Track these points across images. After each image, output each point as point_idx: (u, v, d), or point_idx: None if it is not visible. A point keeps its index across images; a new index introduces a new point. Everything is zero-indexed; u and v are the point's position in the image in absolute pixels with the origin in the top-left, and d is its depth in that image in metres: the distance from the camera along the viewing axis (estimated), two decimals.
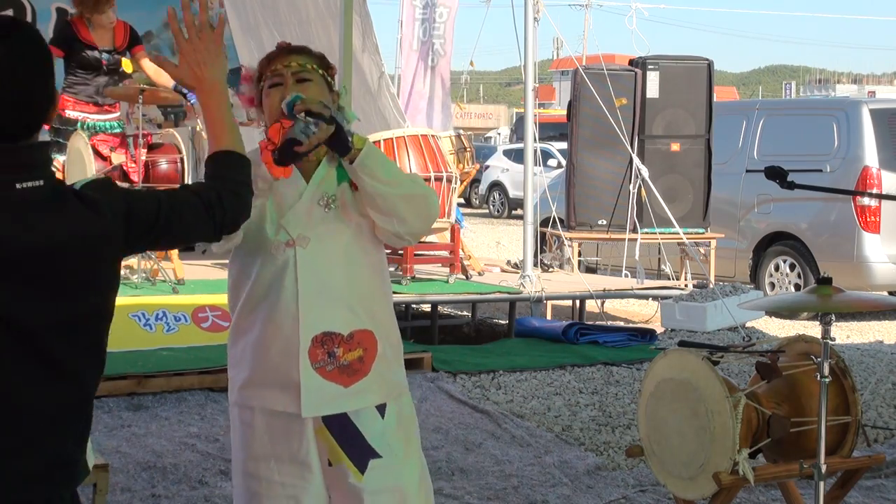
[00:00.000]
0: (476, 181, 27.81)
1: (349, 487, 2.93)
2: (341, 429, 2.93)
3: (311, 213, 2.94)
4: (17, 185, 2.12)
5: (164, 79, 8.07)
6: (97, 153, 8.18)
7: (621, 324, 10.08)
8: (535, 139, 9.89)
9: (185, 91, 8.29)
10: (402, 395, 3.10)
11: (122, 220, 2.24)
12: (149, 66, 8.27)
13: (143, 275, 8.07)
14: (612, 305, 11.12)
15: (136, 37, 8.51)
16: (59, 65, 8.19)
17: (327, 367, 2.90)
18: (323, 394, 2.90)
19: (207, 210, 2.39)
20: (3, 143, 2.14)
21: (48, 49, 2.27)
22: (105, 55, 8.22)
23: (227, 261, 3.12)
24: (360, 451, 2.93)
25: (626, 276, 10.33)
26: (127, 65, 8.29)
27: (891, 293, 10.85)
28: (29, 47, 2.19)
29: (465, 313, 10.23)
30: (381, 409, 3.00)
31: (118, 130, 8.48)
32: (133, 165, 8.20)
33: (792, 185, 3.84)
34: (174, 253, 8.41)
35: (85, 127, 8.20)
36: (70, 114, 8.23)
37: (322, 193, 2.95)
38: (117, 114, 8.51)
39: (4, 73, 2.14)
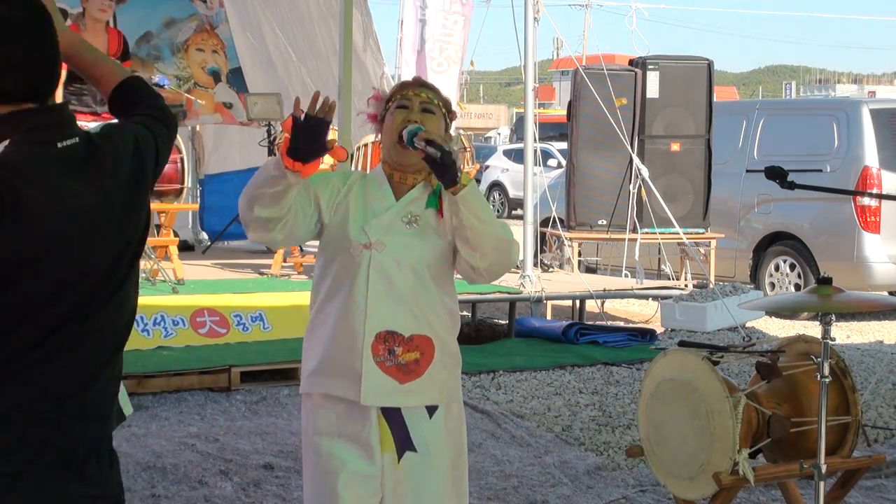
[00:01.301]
0: (476, 181, 27.70)
1: (384, 476, 3.18)
2: (394, 420, 3.18)
3: (393, 225, 3.19)
4: (59, 145, 2.19)
5: None
6: None
7: (621, 324, 10.08)
8: (535, 139, 9.89)
9: (159, 83, 8.34)
10: (452, 402, 3.29)
11: (135, 154, 2.38)
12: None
13: (143, 275, 8.06)
14: (612, 305, 11.12)
15: (128, 51, 8.56)
16: None
17: (386, 363, 3.15)
18: (380, 385, 3.14)
19: (167, 127, 2.57)
20: (32, 104, 2.20)
21: (45, 6, 2.30)
22: None
23: (226, 261, 3.21)
24: (402, 442, 3.18)
25: (626, 276, 10.33)
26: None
27: (891, 293, 10.85)
28: (31, 5, 2.24)
29: (465, 313, 10.24)
30: (432, 410, 3.24)
31: None
32: None
33: (792, 185, 3.83)
34: (174, 253, 8.41)
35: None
36: None
37: (408, 212, 3.21)
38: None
39: (19, 33, 2.20)
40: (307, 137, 2.97)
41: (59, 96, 2.47)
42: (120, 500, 2.34)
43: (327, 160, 3.47)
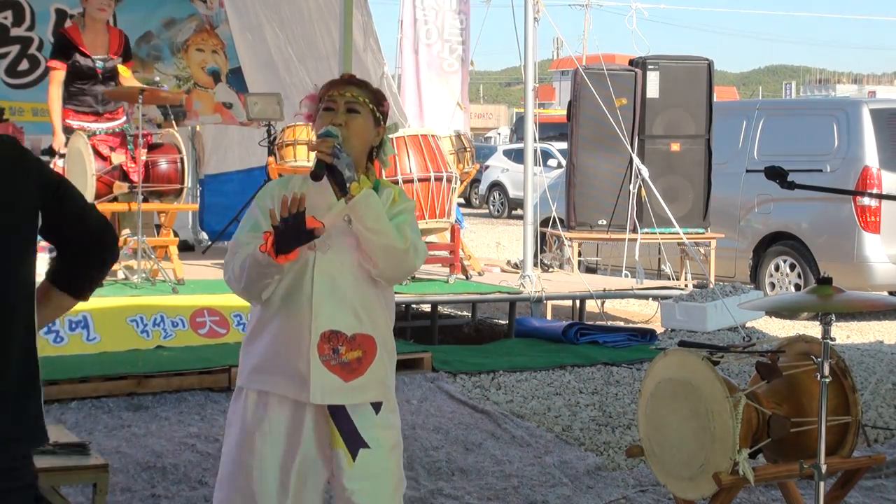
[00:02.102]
0: (476, 181, 27.82)
1: (339, 473, 3.25)
2: (341, 418, 3.26)
3: (335, 225, 3.23)
4: None
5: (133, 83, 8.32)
6: (97, 153, 8.19)
7: (621, 324, 10.08)
8: (535, 139, 9.89)
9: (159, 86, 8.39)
10: (390, 399, 3.39)
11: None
12: (126, 72, 8.35)
13: (143, 275, 8.07)
14: (612, 305, 11.12)
15: (129, 51, 8.56)
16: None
17: (331, 362, 3.23)
18: (327, 384, 3.22)
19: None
20: None
21: None
22: (99, 63, 8.23)
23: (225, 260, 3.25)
24: (353, 440, 3.25)
25: (626, 276, 10.33)
26: (125, 71, 8.31)
27: (891, 293, 10.85)
28: None
29: (465, 313, 10.23)
30: (377, 406, 3.33)
31: (118, 130, 8.48)
32: (133, 165, 8.20)
33: (792, 185, 3.83)
34: (174, 253, 8.41)
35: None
36: (71, 123, 8.25)
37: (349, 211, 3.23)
38: (120, 120, 8.48)
39: None
40: (293, 235, 3.08)
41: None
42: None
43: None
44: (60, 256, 2.66)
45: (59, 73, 8.23)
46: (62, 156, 8.22)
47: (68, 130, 8.23)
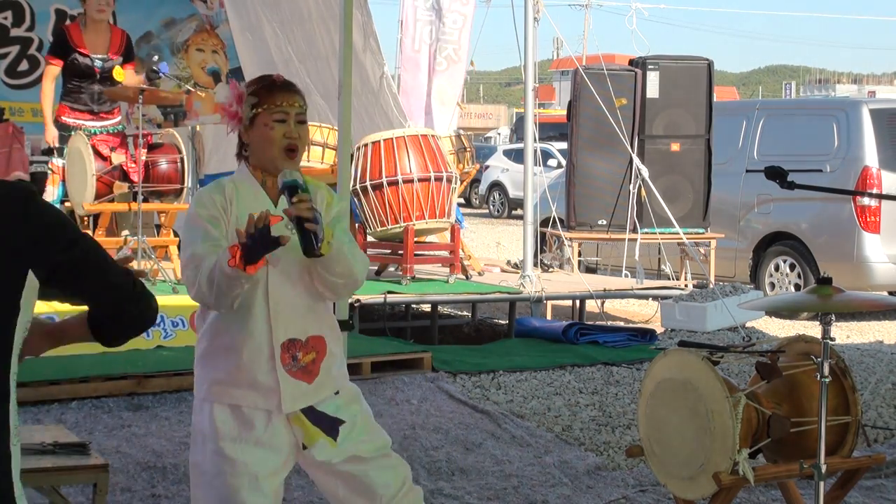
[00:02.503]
0: (476, 181, 27.82)
1: (335, 454, 3.34)
2: (315, 416, 3.34)
3: (280, 234, 3.12)
4: None
5: (135, 81, 8.33)
6: (97, 153, 8.20)
7: (621, 324, 10.08)
8: (535, 139, 9.89)
9: (159, 70, 8.39)
10: (345, 380, 3.48)
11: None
12: (128, 76, 8.36)
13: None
14: (612, 305, 11.12)
15: (131, 51, 8.55)
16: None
17: (293, 369, 3.30)
18: (296, 391, 3.30)
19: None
20: None
21: None
22: (98, 62, 8.23)
23: None
24: (328, 424, 3.34)
25: (626, 276, 10.33)
26: (118, 73, 8.29)
27: (891, 293, 10.85)
28: None
29: (465, 313, 10.23)
30: (335, 392, 3.43)
31: (118, 130, 8.49)
32: (133, 165, 8.21)
33: (792, 185, 3.83)
34: (174, 253, 8.41)
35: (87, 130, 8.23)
36: (67, 120, 8.25)
37: (287, 220, 3.15)
38: (116, 119, 8.50)
39: None
40: (263, 246, 3.03)
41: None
42: None
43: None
44: (96, 311, 2.43)
45: (53, 69, 8.25)
46: (58, 151, 8.22)
47: (64, 128, 8.24)
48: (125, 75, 8.39)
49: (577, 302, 9.73)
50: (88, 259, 2.35)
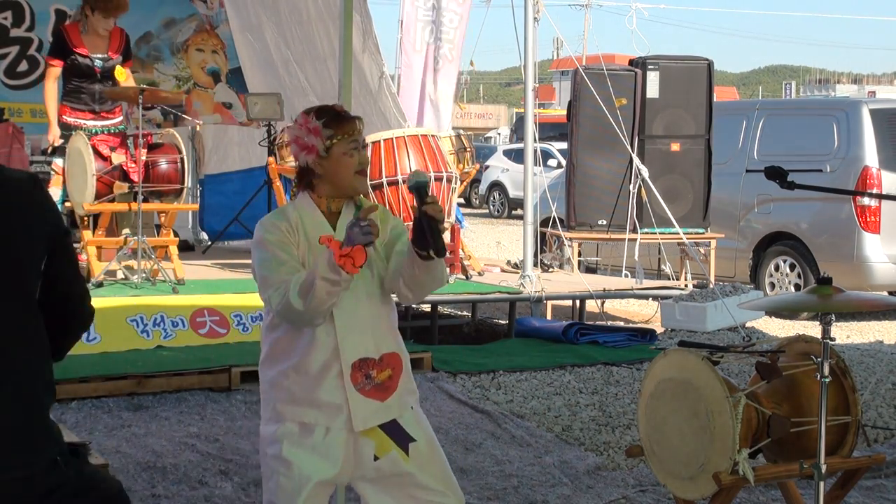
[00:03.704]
0: (476, 181, 27.82)
1: (402, 471, 3.43)
2: (392, 429, 3.43)
3: None
4: None
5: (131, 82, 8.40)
6: (97, 153, 8.19)
7: (621, 324, 10.08)
8: (535, 139, 9.89)
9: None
10: (416, 397, 3.60)
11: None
12: (121, 74, 8.38)
13: (143, 275, 8.07)
14: (612, 305, 11.12)
15: (129, 50, 8.56)
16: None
17: (366, 388, 3.38)
18: (367, 409, 3.38)
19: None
20: None
21: None
22: (98, 62, 8.23)
23: (226, 261, 3.27)
24: (402, 439, 3.43)
25: (626, 276, 10.33)
26: (120, 73, 8.30)
27: (891, 293, 10.85)
28: None
29: (465, 313, 10.23)
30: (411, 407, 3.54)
31: (118, 130, 8.49)
32: (133, 165, 8.20)
33: (792, 185, 3.84)
34: (174, 253, 8.41)
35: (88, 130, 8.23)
36: (68, 119, 8.25)
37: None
38: (117, 119, 8.49)
39: None
40: (365, 236, 3.17)
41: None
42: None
43: None
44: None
45: (54, 70, 8.26)
46: (60, 151, 8.22)
47: (66, 127, 8.24)
48: (124, 74, 8.41)
49: (577, 302, 9.73)
50: (71, 248, 2.76)
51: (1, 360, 2.52)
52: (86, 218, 8.27)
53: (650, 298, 10.72)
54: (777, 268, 11.24)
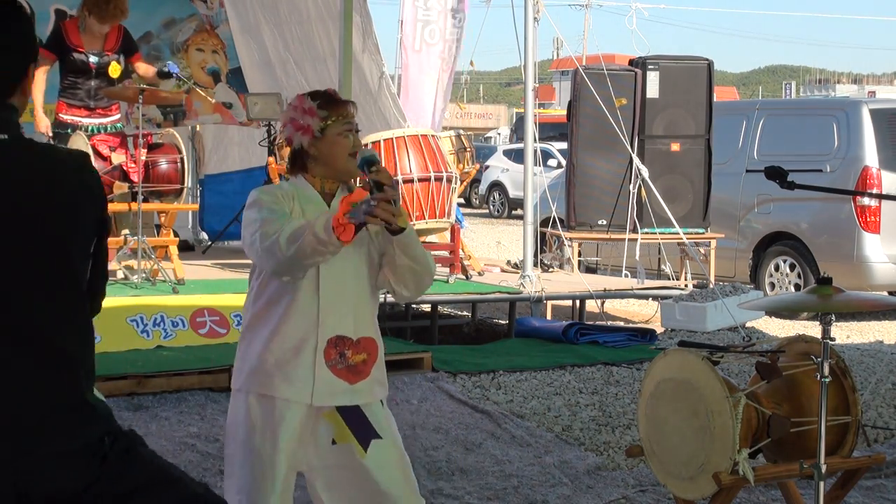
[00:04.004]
0: (476, 181, 27.81)
1: (356, 464, 3.39)
2: (352, 415, 3.40)
3: None
4: None
5: (150, 73, 8.41)
6: (97, 153, 8.19)
7: (621, 324, 10.08)
8: (535, 139, 9.89)
9: (170, 71, 8.43)
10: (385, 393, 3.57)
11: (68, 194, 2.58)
12: (140, 67, 8.39)
13: (143, 275, 8.07)
14: (612, 305, 11.12)
15: (132, 43, 8.53)
16: (53, 69, 8.27)
17: (338, 366, 3.37)
18: (332, 388, 3.37)
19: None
20: None
21: (29, 23, 2.54)
22: (93, 58, 8.22)
23: (226, 261, 3.29)
24: (365, 433, 3.40)
25: (626, 276, 10.33)
26: (114, 69, 8.28)
27: (891, 293, 10.85)
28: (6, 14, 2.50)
29: (465, 313, 10.23)
30: (381, 402, 3.52)
31: (118, 129, 8.49)
32: (133, 165, 8.20)
33: (792, 185, 3.84)
34: (174, 253, 8.41)
35: (84, 128, 8.22)
36: (64, 117, 8.24)
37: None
38: (114, 117, 8.49)
39: None
40: (368, 210, 3.18)
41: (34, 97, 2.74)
42: None
43: None
44: None
45: (45, 62, 8.26)
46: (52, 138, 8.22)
47: (62, 125, 8.23)
48: (140, 68, 8.42)
49: (577, 302, 9.73)
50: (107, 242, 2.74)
51: (45, 344, 2.52)
52: None
53: (650, 298, 10.72)
54: (777, 268, 11.24)
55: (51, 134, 8.21)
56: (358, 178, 3.50)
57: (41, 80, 8.23)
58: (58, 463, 2.49)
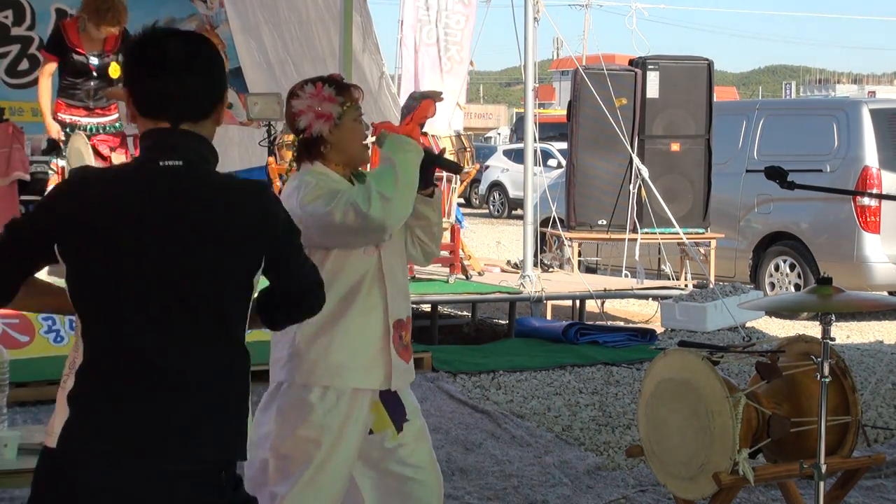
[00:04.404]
0: (476, 181, 27.78)
1: (384, 449, 3.46)
2: (392, 401, 3.45)
3: None
4: (161, 163, 2.48)
5: None
6: (97, 153, 8.18)
7: (621, 324, 10.08)
8: (535, 139, 9.89)
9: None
10: None
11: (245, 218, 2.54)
12: (116, 71, 8.35)
13: None
14: (612, 305, 11.12)
15: None
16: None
17: (399, 348, 3.46)
18: (400, 370, 3.46)
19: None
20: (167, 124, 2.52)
21: (219, 56, 2.60)
22: (93, 59, 8.21)
23: None
24: (400, 416, 3.47)
25: (626, 276, 10.33)
26: (114, 70, 8.27)
27: (891, 293, 10.85)
28: (201, 47, 2.64)
29: (465, 313, 10.23)
30: None
31: (118, 129, 8.48)
32: None
33: (792, 185, 3.84)
34: None
35: (83, 128, 8.22)
36: (63, 117, 8.24)
37: None
38: (112, 116, 8.48)
39: (178, 66, 2.58)
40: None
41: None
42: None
43: None
44: (268, 299, 2.70)
45: (49, 65, 8.24)
46: (57, 151, 8.21)
47: (60, 125, 8.22)
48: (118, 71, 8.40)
49: (577, 302, 9.73)
50: (296, 246, 2.67)
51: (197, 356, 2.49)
52: None
53: (650, 298, 10.72)
54: (777, 268, 11.24)
55: (62, 138, 8.21)
56: (368, 165, 3.60)
57: (47, 85, 8.22)
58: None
